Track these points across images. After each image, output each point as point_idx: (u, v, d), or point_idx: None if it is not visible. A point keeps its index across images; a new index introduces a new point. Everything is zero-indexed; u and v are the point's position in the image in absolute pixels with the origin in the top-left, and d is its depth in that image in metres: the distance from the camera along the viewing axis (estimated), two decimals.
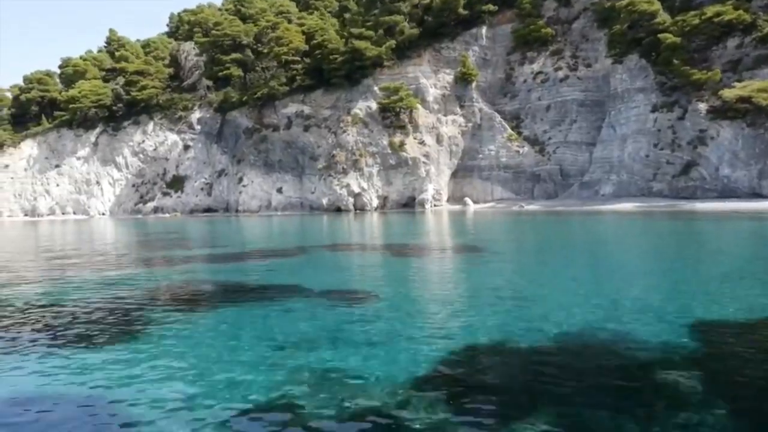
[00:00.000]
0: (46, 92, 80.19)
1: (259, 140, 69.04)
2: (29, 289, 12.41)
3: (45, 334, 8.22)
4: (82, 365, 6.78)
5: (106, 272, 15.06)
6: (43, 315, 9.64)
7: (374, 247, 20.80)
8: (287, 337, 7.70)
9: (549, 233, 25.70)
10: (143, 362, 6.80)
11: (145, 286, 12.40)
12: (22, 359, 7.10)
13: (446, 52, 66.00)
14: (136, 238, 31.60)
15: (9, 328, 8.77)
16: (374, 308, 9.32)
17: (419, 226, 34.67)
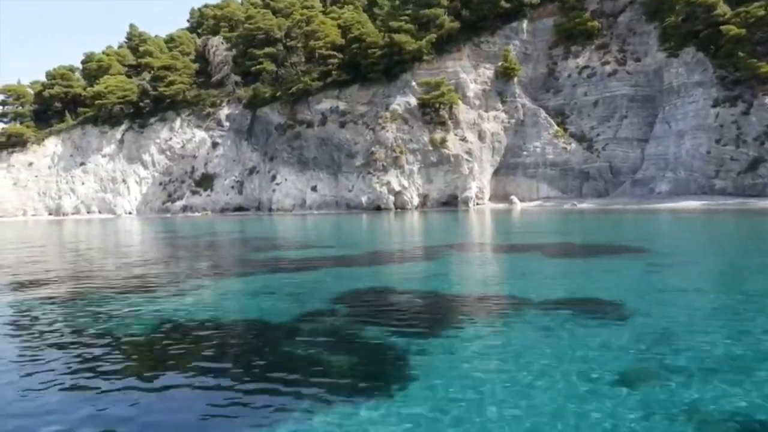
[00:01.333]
0: (69, 88, 78.26)
1: (292, 137, 67.22)
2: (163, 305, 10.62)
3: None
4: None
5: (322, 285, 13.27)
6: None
7: (510, 248, 18.98)
8: (602, 366, 5.93)
9: (671, 232, 23.93)
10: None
11: (363, 299, 10.62)
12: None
13: (486, 47, 64.18)
14: (210, 239, 29.69)
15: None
16: (644, 323, 7.58)
17: (495, 225, 32.88)
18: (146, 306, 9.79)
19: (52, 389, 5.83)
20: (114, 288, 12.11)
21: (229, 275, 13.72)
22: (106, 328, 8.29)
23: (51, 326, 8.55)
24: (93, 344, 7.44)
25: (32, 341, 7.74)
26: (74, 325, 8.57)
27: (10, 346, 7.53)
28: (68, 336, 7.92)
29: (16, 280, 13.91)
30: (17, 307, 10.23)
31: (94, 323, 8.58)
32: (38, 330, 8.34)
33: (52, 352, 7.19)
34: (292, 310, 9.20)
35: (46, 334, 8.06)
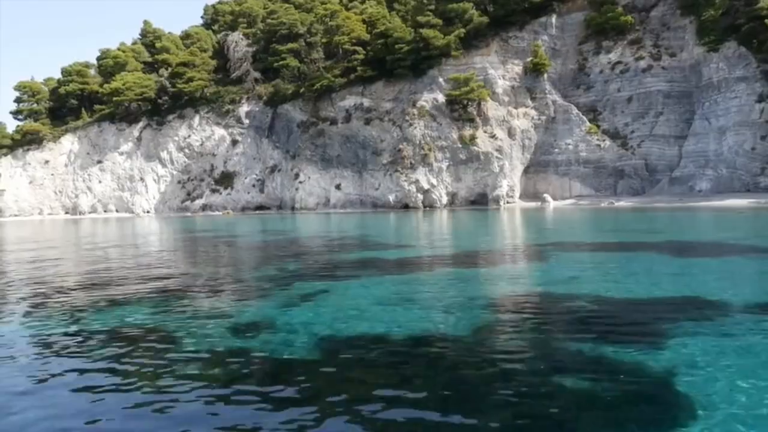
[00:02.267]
0: (85, 85, 76.94)
1: (315, 134, 65.87)
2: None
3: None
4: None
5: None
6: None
7: (618, 246, 17.65)
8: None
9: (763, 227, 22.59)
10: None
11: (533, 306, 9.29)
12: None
13: (514, 42, 62.89)
14: (267, 239, 28.23)
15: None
16: None
17: (555, 223, 31.56)
18: (281, 317, 8.49)
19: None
20: (244, 297, 10.81)
21: (345, 279, 12.38)
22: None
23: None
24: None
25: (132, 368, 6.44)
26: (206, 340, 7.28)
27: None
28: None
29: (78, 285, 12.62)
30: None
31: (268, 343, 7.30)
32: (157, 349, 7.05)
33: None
34: (462, 322, 7.78)
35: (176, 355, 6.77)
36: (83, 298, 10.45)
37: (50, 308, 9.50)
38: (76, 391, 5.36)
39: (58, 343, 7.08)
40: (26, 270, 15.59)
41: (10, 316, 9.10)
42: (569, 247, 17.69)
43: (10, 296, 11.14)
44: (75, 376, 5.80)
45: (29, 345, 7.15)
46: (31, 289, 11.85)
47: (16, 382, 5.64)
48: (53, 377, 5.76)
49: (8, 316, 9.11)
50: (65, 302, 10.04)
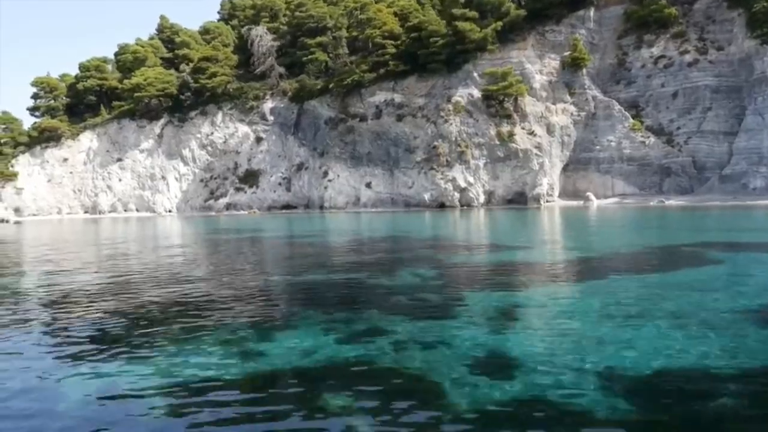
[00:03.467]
0: (104, 80, 74.90)
1: (344, 131, 63.91)
2: None
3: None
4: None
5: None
6: None
7: (748, 247, 15.75)
8: None
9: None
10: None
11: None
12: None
13: (551, 36, 60.98)
14: (330, 240, 26.20)
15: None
16: None
17: (635, 222, 29.62)
18: (458, 332, 6.58)
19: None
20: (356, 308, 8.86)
21: (512, 288, 10.44)
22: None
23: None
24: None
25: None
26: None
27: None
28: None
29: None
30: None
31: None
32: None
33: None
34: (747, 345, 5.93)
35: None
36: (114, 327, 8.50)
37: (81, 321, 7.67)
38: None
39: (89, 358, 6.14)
40: (48, 276, 13.64)
41: (28, 332, 7.64)
42: (716, 246, 15.74)
43: (29, 307, 9.52)
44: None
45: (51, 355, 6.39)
46: (50, 298, 10.02)
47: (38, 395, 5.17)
48: (84, 391, 5.13)
49: (27, 332, 7.66)
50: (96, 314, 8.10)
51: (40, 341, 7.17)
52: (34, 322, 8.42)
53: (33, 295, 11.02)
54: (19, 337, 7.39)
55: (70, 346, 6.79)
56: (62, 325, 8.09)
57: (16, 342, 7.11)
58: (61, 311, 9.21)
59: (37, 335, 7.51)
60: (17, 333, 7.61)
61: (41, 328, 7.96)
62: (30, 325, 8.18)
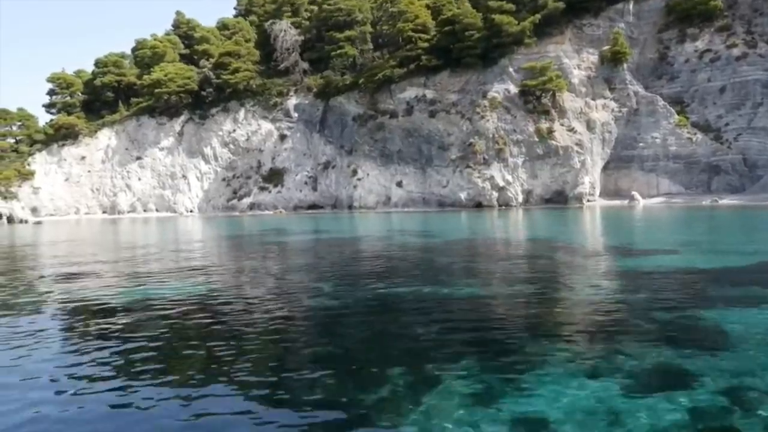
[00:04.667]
0: (122, 76, 72.71)
1: (374, 128, 61.80)
2: None
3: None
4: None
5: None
6: None
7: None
8: None
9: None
10: None
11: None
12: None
13: (589, 30, 58.94)
14: (407, 244, 23.96)
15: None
16: None
17: (716, 223, 27.55)
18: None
19: None
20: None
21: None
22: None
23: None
24: None
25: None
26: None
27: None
28: None
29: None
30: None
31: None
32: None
33: None
34: None
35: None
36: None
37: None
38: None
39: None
40: (91, 289, 11.54)
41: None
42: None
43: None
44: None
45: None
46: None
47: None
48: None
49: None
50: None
51: (85, 361, 6.26)
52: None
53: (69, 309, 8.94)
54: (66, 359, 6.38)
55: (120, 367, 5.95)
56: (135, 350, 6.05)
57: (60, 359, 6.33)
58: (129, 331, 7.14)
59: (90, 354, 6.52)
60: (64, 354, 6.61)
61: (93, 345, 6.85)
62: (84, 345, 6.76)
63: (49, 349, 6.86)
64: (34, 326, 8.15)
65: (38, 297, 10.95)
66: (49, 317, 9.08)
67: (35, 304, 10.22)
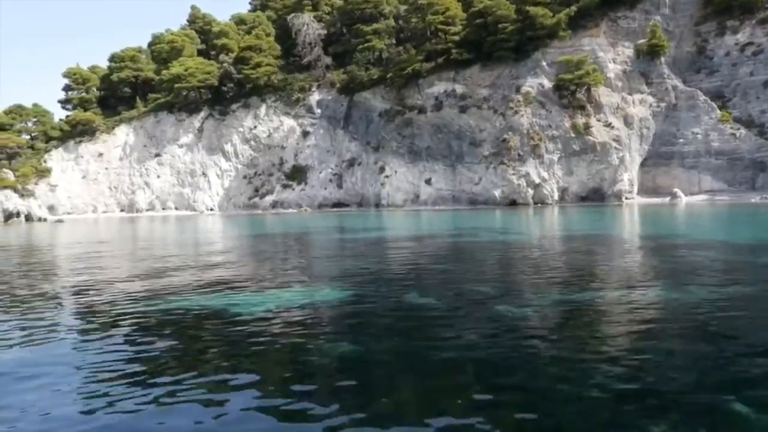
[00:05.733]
0: (139, 71, 70.97)
1: (402, 124, 60.11)
2: None
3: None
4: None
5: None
6: None
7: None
8: None
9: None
10: None
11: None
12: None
13: (624, 23, 57.28)
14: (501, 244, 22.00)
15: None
16: None
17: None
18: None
19: None
20: None
21: None
22: None
23: None
24: None
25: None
26: None
27: None
28: None
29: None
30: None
31: None
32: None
33: None
34: None
35: None
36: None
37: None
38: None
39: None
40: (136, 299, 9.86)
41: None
42: None
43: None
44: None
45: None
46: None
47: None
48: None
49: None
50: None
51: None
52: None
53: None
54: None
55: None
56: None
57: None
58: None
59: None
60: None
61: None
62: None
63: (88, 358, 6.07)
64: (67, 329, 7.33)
65: (80, 305, 9.28)
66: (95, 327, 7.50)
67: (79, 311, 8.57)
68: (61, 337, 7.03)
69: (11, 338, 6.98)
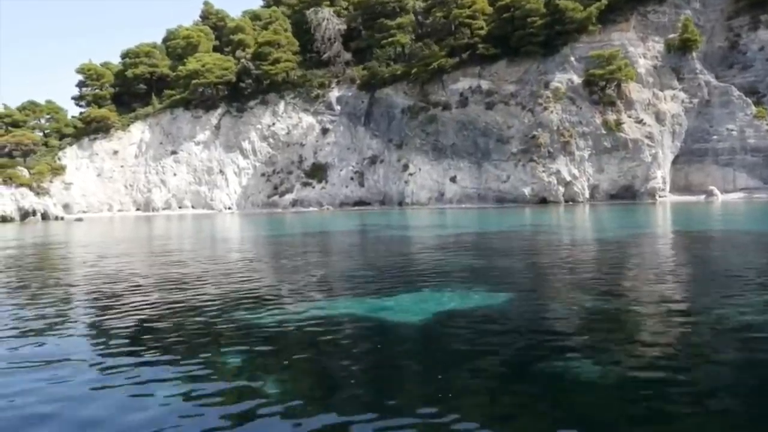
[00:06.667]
0: (154, 67, 69.56)
1: (426, 121, 58.83)
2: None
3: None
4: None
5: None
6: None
7: None
8: None
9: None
10: None
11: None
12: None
13: (653, 17, 56.11)
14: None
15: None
16: None
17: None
18: None
19: None
20: None
21: None
22: None
23: None
24: None
25: None
26: None
27: None
28: None
29: None
30: None
31: None
32: None
33: None
34: None
35: None
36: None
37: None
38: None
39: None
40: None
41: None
42: None
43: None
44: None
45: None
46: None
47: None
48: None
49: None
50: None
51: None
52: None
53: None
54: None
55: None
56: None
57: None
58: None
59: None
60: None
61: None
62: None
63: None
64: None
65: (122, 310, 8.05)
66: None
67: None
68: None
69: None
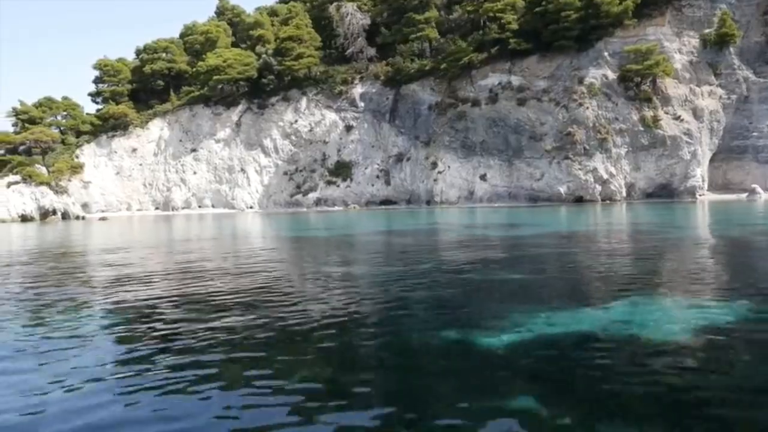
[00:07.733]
0: (173, 63, 68.05)
1: (455, 117, 57.50)
2: None
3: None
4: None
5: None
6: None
7: None
8: None
9: None
10: None
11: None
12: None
13: (689, 11, 54.89)
14: None
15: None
16: None
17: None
18: None
19: None
20: None
21: None
22: None
23: None
24: None
25: None
26: None
27: None
28: None
29: None
30: None
31: None
32: None
33: None
34: None
35: None
36: None
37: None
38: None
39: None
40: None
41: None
42: None
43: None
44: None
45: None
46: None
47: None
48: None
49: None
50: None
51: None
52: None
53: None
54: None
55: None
56: None
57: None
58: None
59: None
60: None
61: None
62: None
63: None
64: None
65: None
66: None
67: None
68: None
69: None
